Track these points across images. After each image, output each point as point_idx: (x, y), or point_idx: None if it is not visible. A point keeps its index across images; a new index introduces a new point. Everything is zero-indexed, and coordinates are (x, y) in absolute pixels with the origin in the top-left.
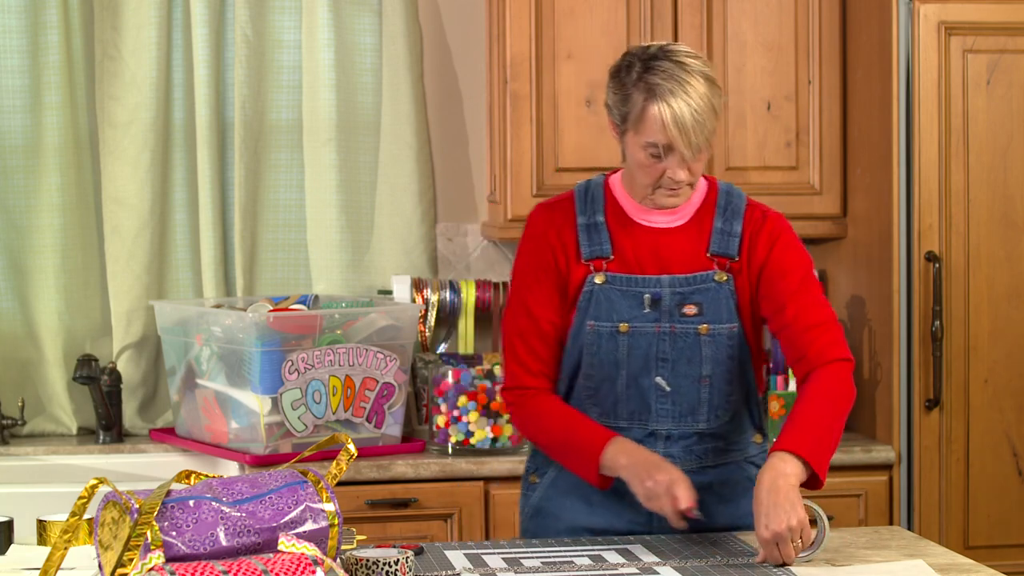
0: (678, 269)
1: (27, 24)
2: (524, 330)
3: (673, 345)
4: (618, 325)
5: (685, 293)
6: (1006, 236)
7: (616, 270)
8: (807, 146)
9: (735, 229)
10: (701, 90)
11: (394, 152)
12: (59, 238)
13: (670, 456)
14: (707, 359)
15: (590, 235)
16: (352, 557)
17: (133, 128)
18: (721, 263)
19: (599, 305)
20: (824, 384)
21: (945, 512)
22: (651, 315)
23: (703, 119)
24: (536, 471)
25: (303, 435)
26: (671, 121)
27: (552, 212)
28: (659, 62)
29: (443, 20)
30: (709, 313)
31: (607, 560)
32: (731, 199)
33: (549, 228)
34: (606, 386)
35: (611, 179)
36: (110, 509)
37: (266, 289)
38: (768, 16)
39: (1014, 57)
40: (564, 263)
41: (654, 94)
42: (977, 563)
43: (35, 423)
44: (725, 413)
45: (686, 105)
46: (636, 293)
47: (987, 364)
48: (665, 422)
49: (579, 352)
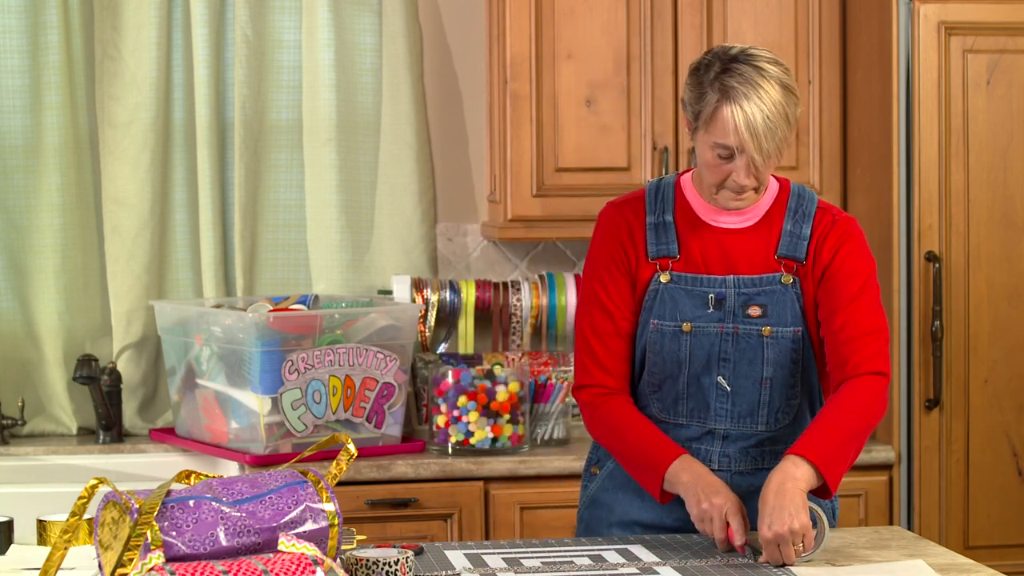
0: (745, 270)
1: (27, 24)
2: (599, 326)
3: (735, 346)
4: (681, 324)
5: (750, 294)
6: (1006, 236)
7: (682, 270)
8: (807, 146)
9: (804, 232)
10: (776, 97)
11: (394, 152)
12: (59, 238)
13: (726, 456)
14: (769, 361)
15: (658, 234)
16: (352, 557)
17: (133, 128)
18: (788, 266)
19: (663, 304)
20: (854, 395)
21: (945, 512)
22: (715, 315)
23: (775, 126)
24: (598, 463)
25: (303, 435)
26: (743, 125)
27: (622, 210)
28: (738, 64)
29: (443, 20)
30: (773, 315)
31: (607, 560)
32: (802, 202)
33: (619, 225)
34: (668, 384)
35: (682, 178)
36: (110, 509)
37: (266, 289)
38: (768, 16)
39: (1014, 57)
40: (635, 261)
41: (728, 96)
42: (977, 563)
43: (35, 423)
44: (785, 416)
45: (759, 110)
46: (701, 293)
47: (987, 364)
48: (724, 422)
49: (643, 350)
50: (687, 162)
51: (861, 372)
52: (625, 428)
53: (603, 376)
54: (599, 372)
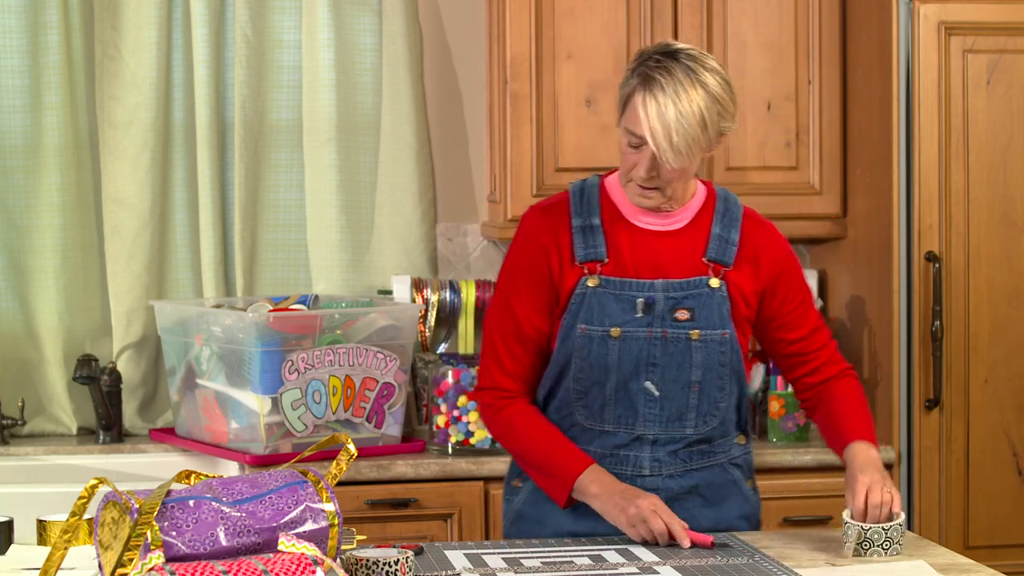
0: (673, 273)
1: (27, 24)
2: (507, 332)
3: (664, 350)
4: (610, 330)
5: (678, 298)
6: (1006, 236)
7: (610, 273)
8: (807, 146)
9: (732, 237)
10: (697, 100)
11: (394, 152)
12: (59, 238)
13: (657, 461)
14: (697, 365)
15: (585, 237)
16: (352, 557)
17: (133, 128)
18: (716, 269)
19: (591, 309)
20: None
21: (945, 512)
22: (644, 320)
23: (687, 125)
24: (520, 475)
25: (303, 435)
26: (654, 115)
27: (547, 214)
28: (672, 61)
29: (443, 20)
30: (701, 318)
31: (607, 560)
32: (729, 206)
33: (543, 231)
34: (594, 390)
35: (607, 180)
36: (110, 509)
37: (266, 289)
38: (768, 16)
39: (1014, 57)
40: (557, 266)
41: (646, 84)
42: (977, 563)
43: (35, 423)
44: (713, 418)
45: (673, 105)
46: (629, 297)
47: (987, 364)
48: (652, 427)
49: (568, 356)
50: None
51: (846, 373)
52: (530, 434)
53: (505, 380)
54: (501, 376)
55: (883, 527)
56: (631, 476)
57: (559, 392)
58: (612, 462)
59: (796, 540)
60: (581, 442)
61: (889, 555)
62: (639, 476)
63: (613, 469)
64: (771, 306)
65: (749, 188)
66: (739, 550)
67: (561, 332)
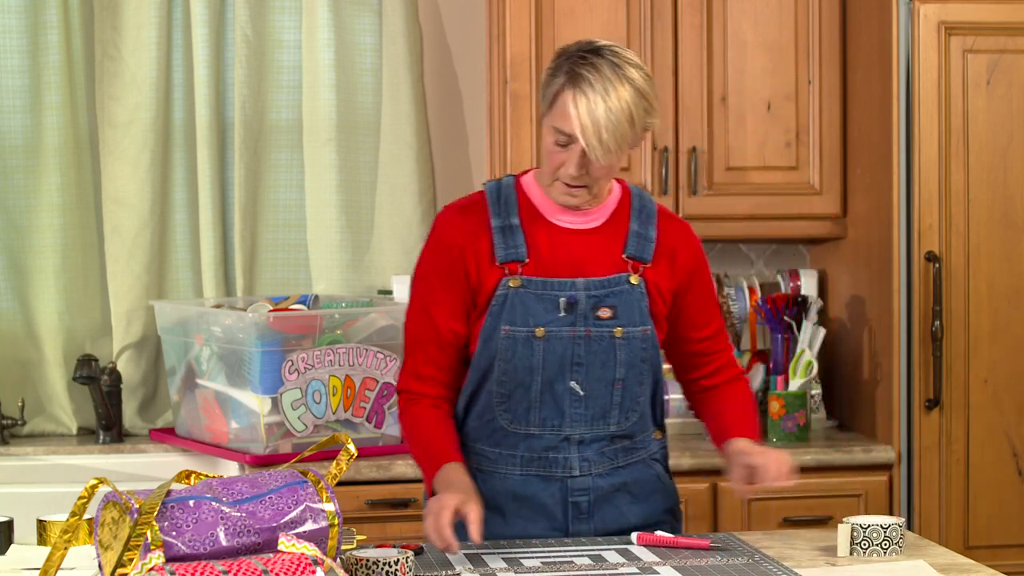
0: (593, 271)
1: (27, 24)
2: (423, 336)
3: (588, 349)
4: (534, 330)
5: (600, 296)
6: (1006, 236)
7: (531, 273)
8: (807, 146)
9: (650, 234)
10: (625, 96)
11: (394, 152)
12: (59, 238)
13: (586, 461)
14: (621, 362)
15: (505, 238)
16: (352, 557)
17: (133, 128)
18: (635, 266)
19: (514, 309)
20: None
21: (945, 512)
22: (567, 319)
23: (616, 122)
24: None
25: (303, 435)
26: (584, 111)
27: (463, 215)
28: (596, 57)
29: (443, 20)
30: (623, 316)
31: (607, 560)
32: (644, 203)
33: (460, 232)
34: (519, 392)
35: (523, 179)
36: (110, 509)
37: (266, 289)
38: (768, 16)
39: (1014, 57)
40: (475, 268)
41: (574, 81)
42: (977, 563)
43: (35, 423)
44: (634, 414)
45: (602, 101)
46: (552, 297)
47: (987, 364)
48: (578, 427)
49: (490, 358)
50: (687, 162)
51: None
52: (420, 432)
53: (414, 383)
54: (414, 380)
55: (883, 527)
56: (561, 477)
57: (481, 397)
58: (541, 465)
59: (796, 540)
60: (506, 447)
61: (888, 555)
62: (569, 477)
63: (543, 472)
64: (683, 303)
65: (749, 188)
66: (739, 550)
67: (483, 334)
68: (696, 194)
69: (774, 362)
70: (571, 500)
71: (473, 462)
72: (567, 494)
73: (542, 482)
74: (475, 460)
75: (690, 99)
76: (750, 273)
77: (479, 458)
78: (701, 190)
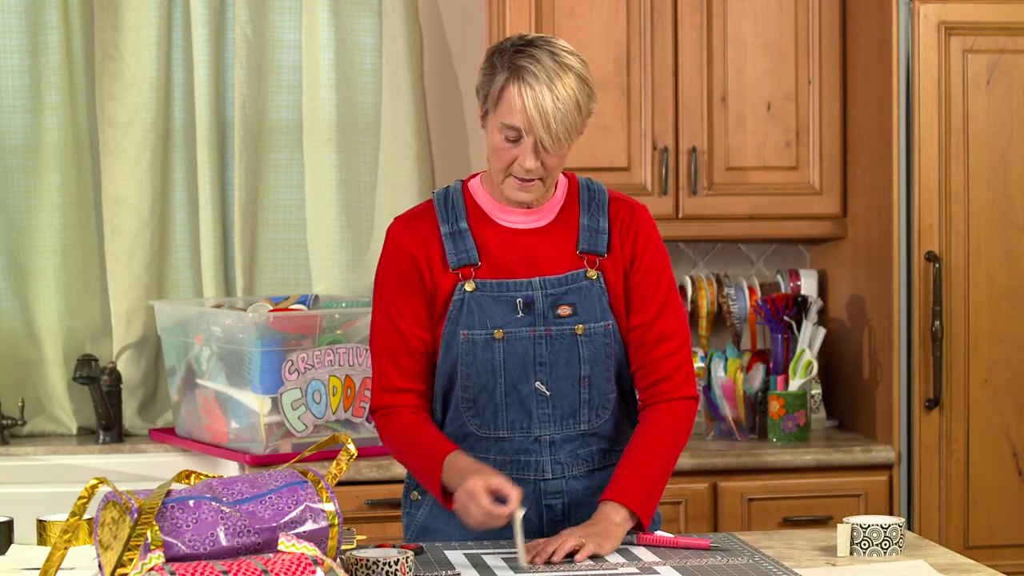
0: (549, 270)
1: (27, 24)
2: (392, 348)
3: (550, 348)
4: (492, 332)
5: (558, 294)
6: (1006, 236)
7: (485, 276)
8: (807, 146)
9: (602, 225)
10: (568, 82)
11: (394, 152)
12: (59, 238)
13: (559, 464)
14: (585, 359)
15: (455, 243)
16: (352, 557)
17: (133, 128)
18: (591, 260)
19: (471, 313)
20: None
21: (945, 512)
22: (525, 319)
23: (565, 109)
24: (417, 487)
25: (303, 435)
26: (531, 103)
27: (412, 224)
28: (532, 48)
29: (443, 20)
30: (583, 312)
31: (607, 560)
32: (593, 194)
33: (412, 241)
34: (484, 396)
35: (470, 183)
36: (110, 509)
37: (266, 289)
38: (768, 16)
39: (1014, 57)
40: (429, 275)
41: (517, 75)
42: (977, 563)
43: (35, 423)
44: (605, 411)
45: (548, 91)
46: (508, 298)
47: (987, 364)
48: (547, 427)
49: (453, 364)
50: (687, 162)
51: (675, 397)
52: (407, 442)
53: (389, 397)
54: (387, 394)
55: (883, 526)
56: (534, 480)
57: (451, 403)
58: (513, 468)
59: (796, 540)
60: (478, 451)
61: (888, 555)
62: (542, 480)
63: (514, 475)
64: (628, 285)
65: (749, 188)
66: (739, 550)
67: (443, 340)
68: (696, 194)
69: (774, 362)
70: (545, 503)
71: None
72: (540, 497)
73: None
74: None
75: (690, 99)
76: (750, 273)
77: None
78: (701, 190)
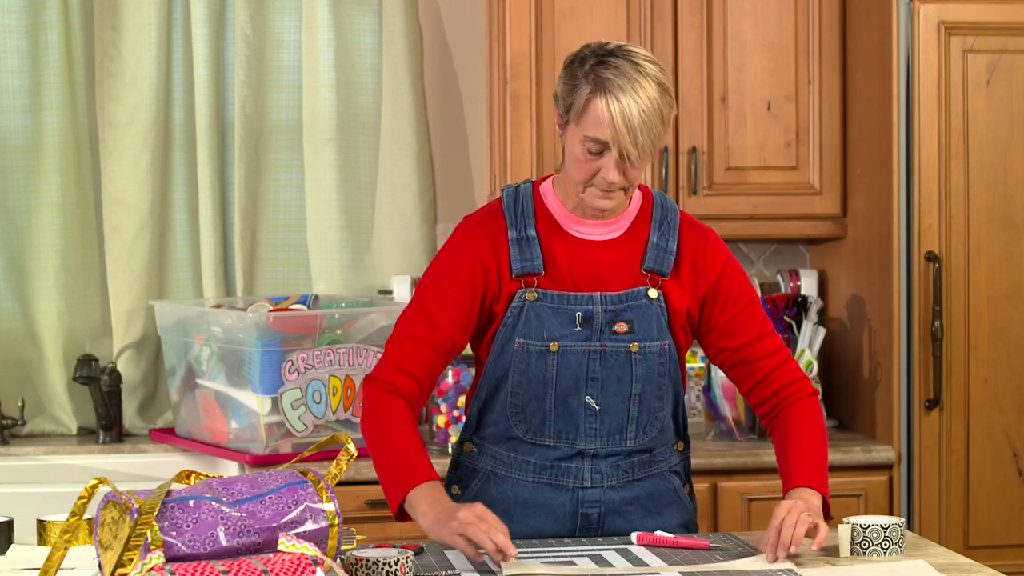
0: (612, 285)
1: (27, 24)
2: (415, 330)
3: (603, 364)
4: (548, 344)
5: (617, 310)
6: (1006, 236)
7: (548, 286)
8: (807, 146)
9: (670, 246)
10: (652, 93)
11: (394, 152)
12: (59, 238)
13: (599, 473)
14: (637, 377)
15: (521, 250)
16: (352, 557)
17: (133, 128)
18: (654, 279)
19: (528, 323)
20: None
21: (945, 512)
22: (582, 333)
23: (650, 121)
24: (458, 482)
25: (303, 435)
26: (619, 117)
27: (484, 226)
28: (614, 58)
29: (443, 20)
30: (640, 330)
31: (607, 560)
32: (666, 212)
33: (482, 244)
34: (533, 404)
35: (541, 187)
36: (110, 509)
37: (266, 289)
38: (768, 16)
39: (1014, 57)
40: (496, 280)
41: (602, 88)
42: (977, 563)
43: (35, 423)
44: (653, 428)
45: (634, 103)
46: (568, 311)
47: (987, 364)
48: (593, 441)
49: (504, 369)
50: (687, 162)
51: (805, 395)
52: (390, 433)
53: (397, 376)
54: (394, 372)
55: (883, 526)
56: (572, 488)
57: (496, 405)
58: (553, 474)
59: None
60: (520, 453)
61: (888, 555)
62: (580, 488)
63: (554, 481)
64: (711, 312)
65: (749, 188)
66: (739, 550)
67: (496, 346)
68: (696, 194)
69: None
70: (581, 511)
71: (488, 464)
72: (578, 505)
73: (553, 491)
74: (490, 463)
75: (690, 99)
76: (750, 273)
77: (494, 460)
78: (701, 190)
